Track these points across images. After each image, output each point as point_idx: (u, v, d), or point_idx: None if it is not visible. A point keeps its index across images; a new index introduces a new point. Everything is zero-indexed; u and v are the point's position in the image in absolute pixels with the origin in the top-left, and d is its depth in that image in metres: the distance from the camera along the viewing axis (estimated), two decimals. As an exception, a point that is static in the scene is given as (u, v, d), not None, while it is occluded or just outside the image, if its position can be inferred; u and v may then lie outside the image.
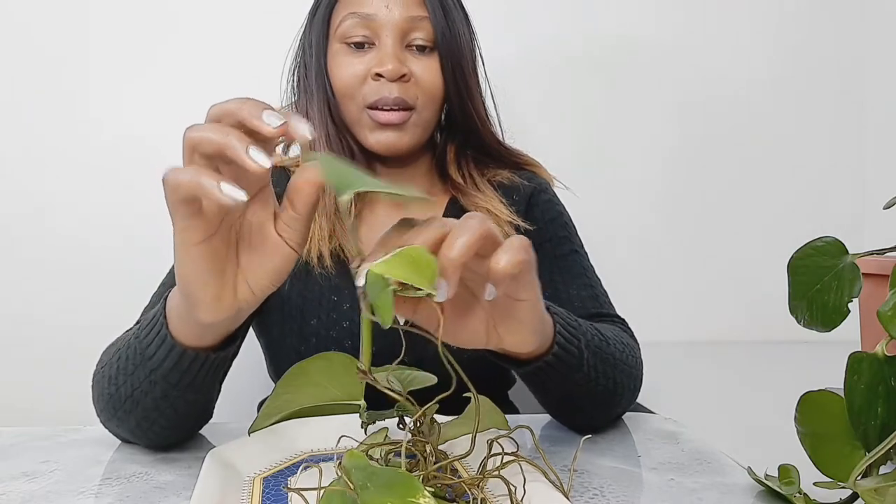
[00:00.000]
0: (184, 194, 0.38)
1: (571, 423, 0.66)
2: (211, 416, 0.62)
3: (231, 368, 0.63)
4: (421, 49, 0.75)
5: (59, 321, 1.23)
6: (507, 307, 0.44)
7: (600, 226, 1.30)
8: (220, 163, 0.39)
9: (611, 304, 0.78)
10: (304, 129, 0.38)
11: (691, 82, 1.38)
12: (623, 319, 0.76)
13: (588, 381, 0.57)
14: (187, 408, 0.55)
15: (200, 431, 0.64)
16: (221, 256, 0.41)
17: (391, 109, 0.74)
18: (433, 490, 0.43)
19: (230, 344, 0.52)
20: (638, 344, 0.70)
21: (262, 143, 0.37)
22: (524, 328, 0.45)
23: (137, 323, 0.67)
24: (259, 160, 0.36)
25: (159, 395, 0.52)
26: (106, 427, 0.60)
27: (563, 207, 0.87)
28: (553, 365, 0.53)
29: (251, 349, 0.74)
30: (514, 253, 0.38)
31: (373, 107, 0.74)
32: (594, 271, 0.81)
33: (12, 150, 1.22)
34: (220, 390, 0.58)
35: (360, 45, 0.75)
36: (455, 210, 0.82)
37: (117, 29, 1.24)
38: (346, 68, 0.75)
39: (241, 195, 0.36)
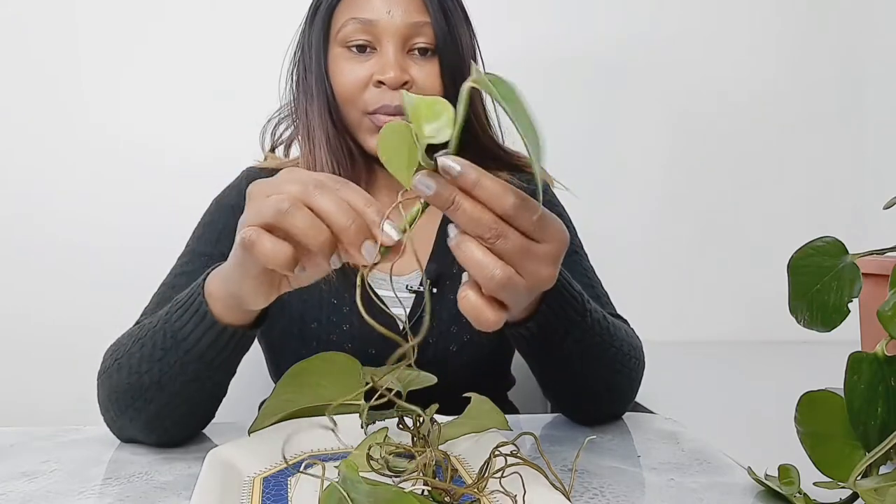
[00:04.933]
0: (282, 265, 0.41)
1: (574, 414, 0.66)
2: (216, 410, 0.62)
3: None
4: (422, 52, 0.75)
5: (60, 321, 1.23)
6: None
7: (600, 226, 1.30)
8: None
9: (612, 305, 0.78)
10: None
11: (691, 83, 1.38)
12: (625, 320, 0.76)
13: (587, 366, 0.58)
14: (211, 391, 0.58)
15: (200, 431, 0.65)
16: (272, 274, 0.46)
17: (393, 115, 0.74)
18: (431, 493, 0.43)
19: (263, 320, 0.56)
20: (641, 343, 0.70)
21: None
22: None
23: (138, 323, 0.67)
24: (370, 256, 0.40)
25: (189, 377, 0.54)
26: (113, 425, 0.61)
27: (563, 208, 0.87)
28: (536, 333, 0.54)
29: (251, 350, 0.74)
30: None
31: (373, 112, 0.74)
32: (594, 272, 0.81)
33: (11, 151, 1.22)
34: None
35: (361, 49, 0.74)
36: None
37: (116, 31, 1.24)
38: (348, 74, 0.74)
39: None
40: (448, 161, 0.38)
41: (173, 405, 0.56)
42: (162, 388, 0.55)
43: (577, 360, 0.58)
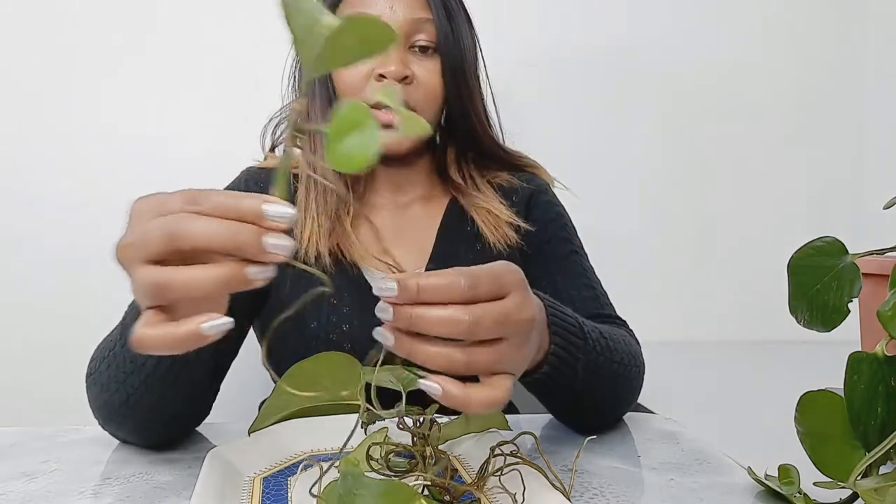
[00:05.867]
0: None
1: (575, 426, 0.66)
2: (210, 409, 0.62)
3: (231, 368, 0.63)
4: (423, 50, 0.75)
5: (61, 322, 1.23)
6: None
7: (601, 226, 1.30)
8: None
9: (611, 305, 0.78)
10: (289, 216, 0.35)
11: (692, 83, 1.38)
12: (624, 321, 0.75)
13: (589, 387, 0.57)
14: (186, 398, 0.56)
15: (200, 431, 0.64)
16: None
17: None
18: (430, 491, 0.43)
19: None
20: (640, 345, 0.70)
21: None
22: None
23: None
24: (280, 249, 0.34)
25: (157, 396, 0.53)
26: (105, 429, 0.60)
27: (563, 208, 0.87)
28: (551, 374, 0.53)
29: (251, 349, 0.74)
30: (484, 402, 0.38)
31: (374, 107, 0.74)
32: (594, 272, 0.81)
33: (13, 151, 1.22)
34: (219, 381, 0.59)
35: None
36: (455, 210, 0.82)
37: (115, 29, 1.24)
38: (349, 69, 0.75)
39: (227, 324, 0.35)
40: (382, 284, 0.35)
41: (151, 418, 0.56)
42: (132, 407, 0.54)
43: (580, 381, 0.57)
